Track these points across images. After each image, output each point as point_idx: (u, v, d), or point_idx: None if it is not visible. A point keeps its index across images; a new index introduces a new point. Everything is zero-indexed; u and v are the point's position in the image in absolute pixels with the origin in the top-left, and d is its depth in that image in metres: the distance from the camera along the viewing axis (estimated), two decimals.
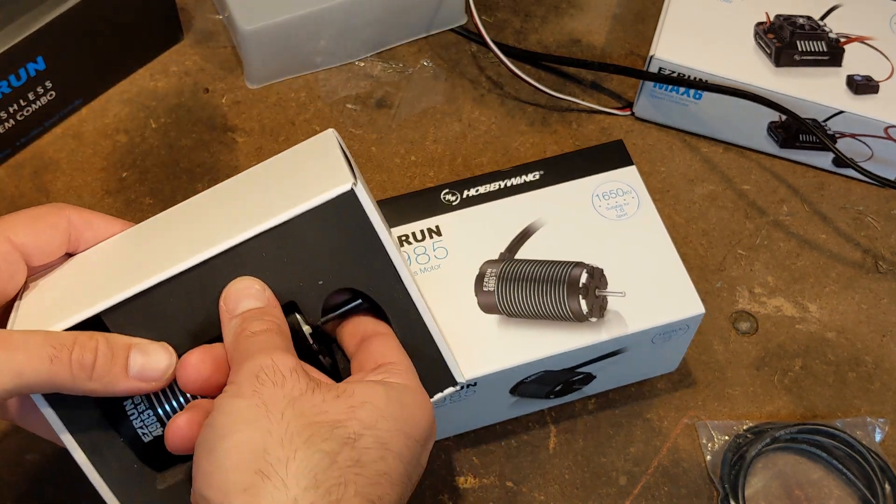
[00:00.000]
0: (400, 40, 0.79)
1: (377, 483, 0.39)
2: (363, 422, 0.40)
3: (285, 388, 0.40)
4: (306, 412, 0.39)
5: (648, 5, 0.82)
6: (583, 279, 0.56)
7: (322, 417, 0.39)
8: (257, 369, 0.40)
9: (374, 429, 0.40)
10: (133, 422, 0.45)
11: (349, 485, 0.38)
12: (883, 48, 0.73)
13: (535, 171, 0.62)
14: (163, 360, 0.43)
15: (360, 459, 0.39)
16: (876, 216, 0.72)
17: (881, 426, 0.62)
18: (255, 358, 0.41)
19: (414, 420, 0.42)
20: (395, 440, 0.41)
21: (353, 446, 0.39)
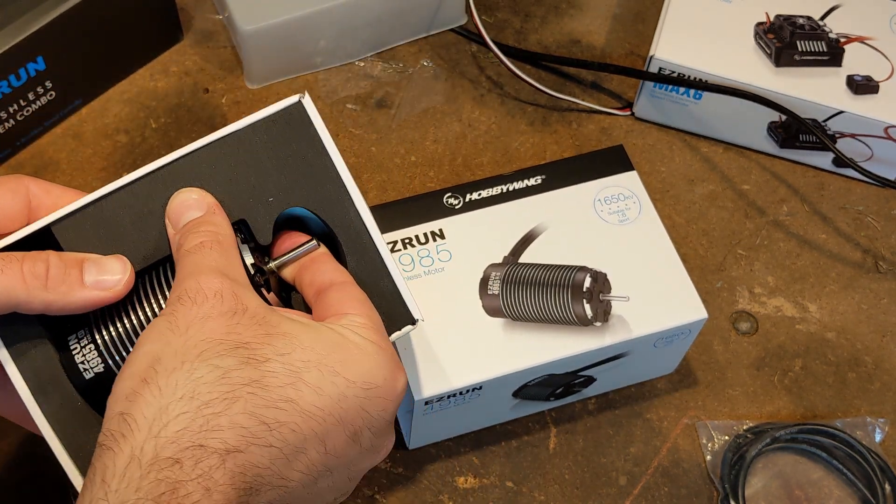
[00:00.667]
0: (400, 40, 0.78)
1: (277, 407, 0.37)
2: (276, 348, 0.38)
3: (202, 308, 0.38)
4: (214, 330, 0.38)
5: (648, 5, 0.82)
6: (587, 283, 0.56)
7: (229, 337, 0.38)
8: (181, 292, 0.39)
9: (287, 356, 0.38)
10: (76, 357, 0.44)
11: (237, 401, 0.36)
12: (883, 48, 0.73)
13: (536, 176, 0.62)
14: (117, 269, 0.43)
15: (261, 381, 0.37)
16: (876, 216, 0.72)
17: (881, 426, 0.62)
18: (184, 280, 0.40)
19: (346, 359, 0.39)
20: (313, 372, 0.38)
21: (255, 367, 0.37)
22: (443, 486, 0.60)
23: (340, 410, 0.39)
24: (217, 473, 0.35)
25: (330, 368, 0.39)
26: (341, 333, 0.41)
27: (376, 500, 0.59)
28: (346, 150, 0.72)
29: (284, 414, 0.37)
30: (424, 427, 0.58)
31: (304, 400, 0.38)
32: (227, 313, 0.39)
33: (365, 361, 0.40)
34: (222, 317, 0.38)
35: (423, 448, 0.61)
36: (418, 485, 0.60)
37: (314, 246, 0.45)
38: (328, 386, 0.38)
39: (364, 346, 0.41)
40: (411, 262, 0.58)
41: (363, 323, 0.42)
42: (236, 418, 0.36)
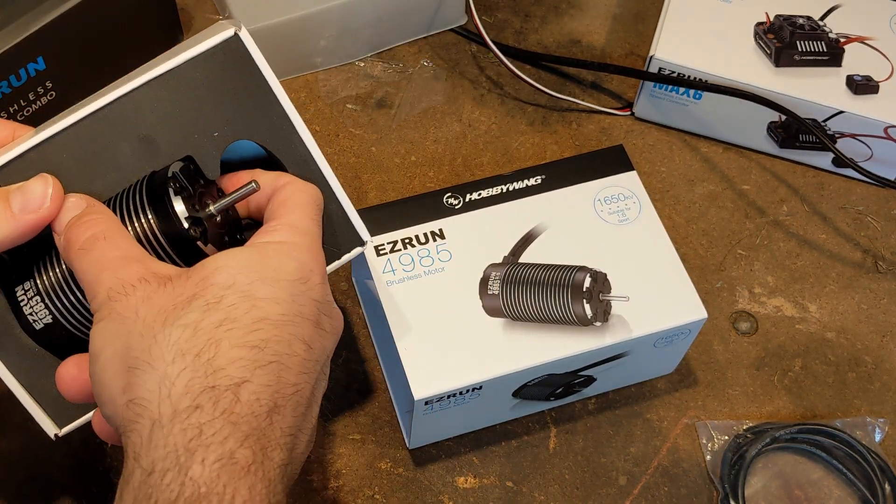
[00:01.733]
0: (400, 40, 0.78)
1: (256, 329, 0.39)
2: (220, 285, 0.40)
3: (137, 295, 0.40)
4: (162, 303, 0.40)
5: (648, 5, 0.82)
6: (587, 283, 0.56)
7: (178, 300, 0.40)
8: (106, 292, 0.40)
9: (235, 286, 0.40)
10: (24, 308, 0.45)
11: (221, 341, 0.39)
12: (883, 48, 0.73)
13: (536, 176, 0.62)
14: (38, 186, 0.43)
15: (229, 316, 0.39)
16: (876, 216, 0.72)
17: (881, 426, 0.62)
18: (99, 281, 0.41)
19: (277, 265, 0.42)
20: (262, 287, 0.41)
21: (216, 308, 0.39)
22: (443, 486, 0.60)
23: (299, 307, 0.41)
24: (237, 407, 0.38)
25: (271, 278, 0.41)
26: (260, 246, 0.43)
27: (376, 500, 0.59)
28: (347, 150, 0.72)
29: (264, 332, 0.39)
30: (424, 427, 0.58)
31: (271, 313, 0.40)
32: (160, 287, 0.40)
33: (290, 261, 0.42)
34: (159, 291, 0.40)
35: (423, 448, 0.61)
36: (418, 485, 0.60)
37: (253, 188, 0.44)
38: (279, 293, 0.41)
39: (282, 248, 0.43)
40: (411, 262, 0.58)
41: (279, 224, 0.44)
42: (230, 353, 0.38)
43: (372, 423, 0.61)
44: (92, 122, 0.45)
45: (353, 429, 0.61)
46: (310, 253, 0.43)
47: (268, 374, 0.39)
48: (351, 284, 0.66)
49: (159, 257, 0.44)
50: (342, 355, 0.64)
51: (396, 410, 0.62)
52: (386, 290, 0.57)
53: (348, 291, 0.66)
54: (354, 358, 0.64)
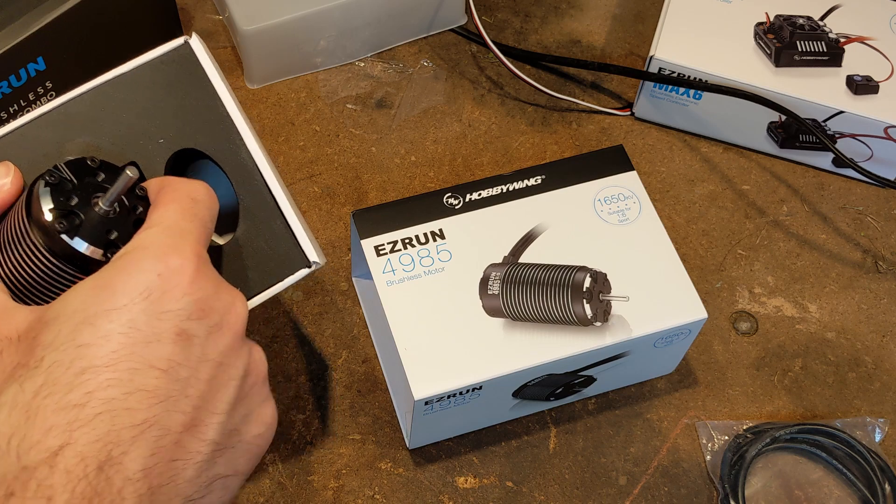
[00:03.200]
0: (400, 40, 0.79)
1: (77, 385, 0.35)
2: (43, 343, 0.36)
3: None
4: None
5: (648, 5, 0.82)
6: (587, 283, 0.56)
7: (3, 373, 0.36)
8: None
9: (56, 341, 0.36)
10: None
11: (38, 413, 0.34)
12: (883, 48, 0.73)
13: (536, 176, 0.62)
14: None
15: (48, 379, 0.35)
16: (876, 216, 0.72)
17: (881, 426, 0.62)
18: None
19: (113, 290, 0.37)
20: (86, 330, 0.36)
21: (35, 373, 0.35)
22: (443, 486, 0.60)
23: (142, 331, 0.36)
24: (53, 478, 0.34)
25: (99, 313, 0.36)
26: (105, 270, 0.38)
27: (376, 500, 0.59)
28: (347, 150, 0.72)
29: (88, 384, 0.35)
30: (424, 427, 0.58)
31: (96, 358, 0.35)
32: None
33: (130, 278, 0.37)
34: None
35: (423, 448, 0.61)
36: (418, 485, 0.60)
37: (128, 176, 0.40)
38: (109, 327, 0.36)
39: (125, 264, 0.38)
40: (411, 262, 0.58)
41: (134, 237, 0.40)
42: (45, 423, 0.34)
43: (372, 423, 0.61)
44: (40, 123, 0.45)
45: (353, 429, 0.61)
46: (167, 252, 0.38)
47: (93, 430, 0.34)
48: (351, 284, 0.66)
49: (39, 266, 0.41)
50: (342, 355, 0.64)
51: (396, 410, 0.62)
52: (386, 290, 0.57)
53: (348, 291, 0.66)
54: (354, 358, 0.64)
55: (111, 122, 0.46)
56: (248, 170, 0.46)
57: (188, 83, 0.46)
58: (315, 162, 0.71)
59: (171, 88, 0.46)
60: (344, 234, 0.68)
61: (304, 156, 0.72)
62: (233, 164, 0.46)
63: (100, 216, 0.40)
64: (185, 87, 0.46)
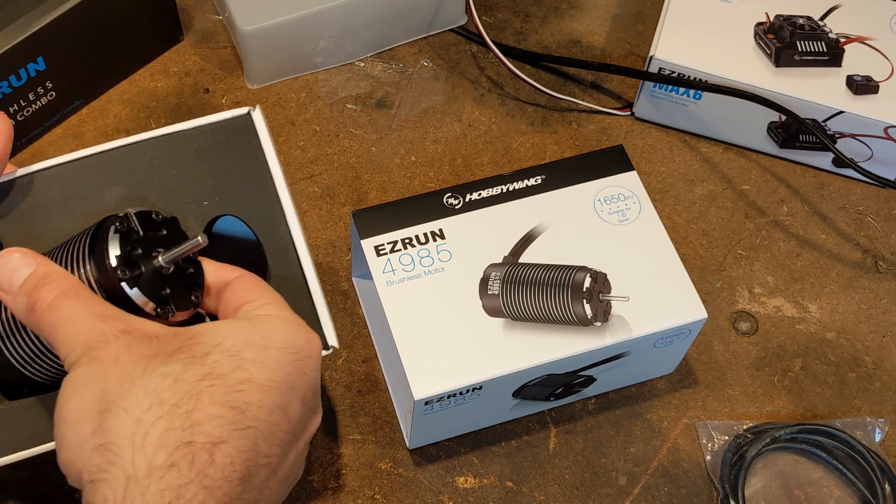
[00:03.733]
0: (400, 40, 0.78)
1: (238, 390, 0.38)
2: (207, 343, 0.39)
3: (117, 345, 0.38)
4: (144, 352, 0.38)
5: (648, 5, 0.82)
6: (587, 283, 0.56)
7: (161, 351, 0.38)
8: (86, 342, 0.39)
9: (222, 346, 0.39)
10: None
11: (202, 395, 0.37)
12: (883, 48, 0.73)
13: (536, 176, 0.62)
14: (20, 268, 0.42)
15: (213, 372, 0.38)
16: (876, 216, 0.72)
17: (881, 426, 0.62)
18: (77, 335, 0.39)
19: (267, 333, 0.41)
20: (250, 350, 0.39)
21: (201, 363, 0.38)
22: (443, 487, 0.60)
23: (287, 377, 0.40)
24: (211, 470, 0.36)
25: (259, 344, 0.40)
26: (249, 318, 0.42)
27: (376, 500, 0.59)
28: (347, 150, 0.72)
29: (246, 394, 0.38)
30: (424, 427, 0.58)
31: (256, 377, 0.39)
32: (144, 340, 0.39)
33: (281, 332, 0.41)
34: (143, 343, 0.39)
35: (423, 448, 0.61)
36: (418, 485, 0.60)
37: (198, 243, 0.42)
38: (267, 358, 0.39)
39: (272, 320, 0.42)
40: (411, 262, 0.58)
41: (263, 302, 0.43)
42: (209, 410, 0.37)
43: (372, 423, 0.61)
44: (88, 162, 0.46)
45: (353, 429, 0.61)
46: (301, 328, 0.43)
47: (244, 439, 0.38)
48: (351, 284, 0.66)
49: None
50: (342, 355, 0.64)
51: (396, 410, 0.62)
52: (386, 290, 0.57)
53: (348, 291, 0.66)
54: (354, 358, 0.64)
55: (160, 174, 0.46)
56: (285, 245, 0.47)
57: (242, 151, 0.47)
58: (315, 162, 0.71)
59: (225, 153, 0.47)
60: (344, 234, 0.68)
61: (304, 156, 0.72)
62: (271, 236, 0.47)
63: (158, 271, 0.42)
64: (238, 154, 0.47)
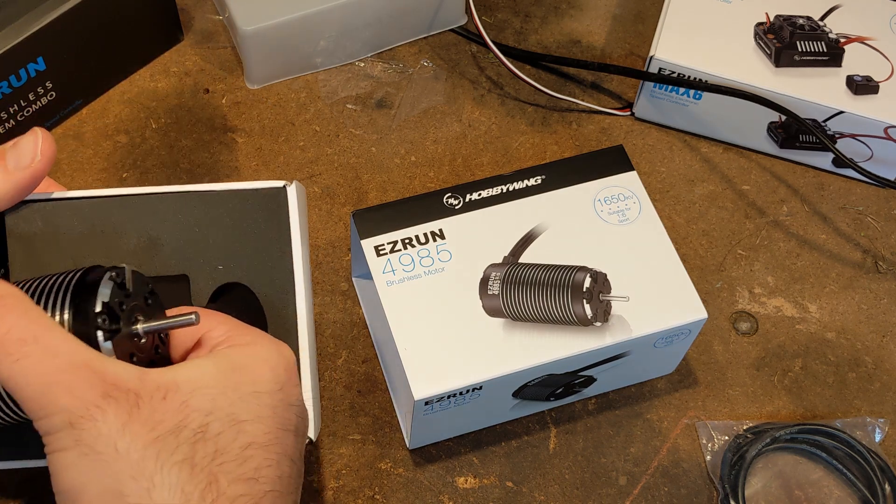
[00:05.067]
0: (400, 41, 0.78)
1: (247, 458, 0.37)
2: (201, 410, 0.37)
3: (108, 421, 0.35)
4: (142, 434, 0.35)
5: (648, 5, 0.82)
6: (587, 283, 0.56)
7: (161, 428, 0.36)
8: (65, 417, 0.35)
9: (216, 411, 0.37)
10: None
11: (219, 479, 0.36)
12: (883, 48, 0.73)
13: (536, 176, 0.62)
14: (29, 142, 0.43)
15: (219, 448, 0.37)
16: (876, 216, 0.72)
17: (881, 426, 0.62)
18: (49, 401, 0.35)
19: (254, 376, 0.39)
20: (243, 408, 0.38)
21: (204, 439, 0.36)
22: (443, 487, 0.60)
23: (280, 420, 0.39)
24: None
25: (249, 394, 0.39)
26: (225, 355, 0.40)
27: (376, 500, 0.59)
28: (347, 150, 0.72)
29: (255, 459, 0.37)
30: (424, 427, 0.58)
31: (257, 437, 0.38)
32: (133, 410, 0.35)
33: (263, 367, 0.40)
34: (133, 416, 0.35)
35: (423, 448, 0.61)
36: (418, 485, 0.60)
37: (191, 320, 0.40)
38: (261, 410, 0.39)
39: (251, 352, 0.40)
40: (411, 262, 0.58)
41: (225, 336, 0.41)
42: (230, 490, 0.36)
43: (372, 423, 0.61)
44: (115, 202, 0.46)
45: (353, 429, 0.61)
46: (275, 349, 0.41)
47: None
48: (351, 284, 0.66)
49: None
50: (342, 356, 0.64)
51: (396, 410, 0.62)
52: (386, 290, 0.57)
53: (348, 291, 0.66)
54: (354, 358, 0.64)
55: (182, 228, 0.46)
56: (287, 328, 0.46)
57: (270, 224, 0.46)
58: (315, 162, 0.71)
59: (251, 222, 0.46)
60: (344, 234, 0.68)
61: (304, 156, 0.72)
62: (277, 315, 0.46)
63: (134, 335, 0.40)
64: (265, 226, 0.46)
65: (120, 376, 0.36)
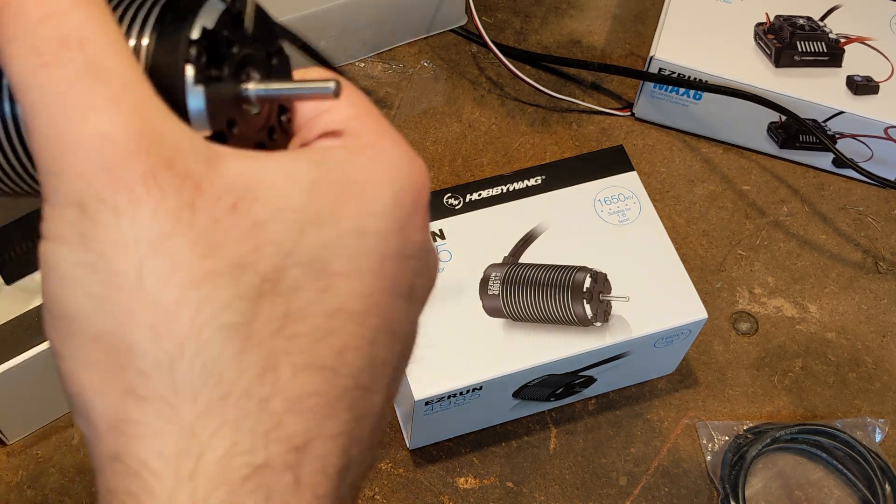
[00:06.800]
0: (400, 41, 0.78)
1: (330, 333, 0.23)
2: (281, 245, 0.23)
3: (138, 218, 0.22)
4: (185, 259, 0.22)
5: (648, 6, 0.82)
6: (587, 284, 0.56)
7: (218, 258, 0.22)
8: (81, 189, 0.22)
9: (299, 251, 0.23)
10: None
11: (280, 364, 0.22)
12: (883, 48, 0.73)
13: (536, 176, 0.62)
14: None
15: (292, 311, 0.23)
16: (876, 216, 0.72)
17: (881, 426, 0.62)
18: (67, 160, 0.22)
19: (366, 203, 0.24)
20: (340, 248, 0.24)
21: (274, 292, 0.23)
22: (443, 487, 0.60)
23: (390, 277, 0.25)
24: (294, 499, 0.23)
25: (351, 231, 0.24)
26: (334, 161, 0.25)
27: (377, 500, 0.59)
28: None
29: (340, 335, 0.24)
30: (424, 427, 0.58)
31: (349, 300, 0.24)
32: (182, 211, 0.22)
33: (376, 189, 0.25)
34: (179, 221, 0.22)
35: (423, 448, 0.61)
36: (419, 485, 0.60)
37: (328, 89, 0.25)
38: (363, 257, 0.24)
39: (363, 165, 0.25)
40: None
41: (344, 123, 0.27)
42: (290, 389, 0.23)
43: None
44: None
45: None
46: (410, 166, 0.26)
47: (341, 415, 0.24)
48: None
49: None
50: None
51: (396, 410, 0.62)
52: None
53: None
54: None
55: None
56: None
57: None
58: None
59: None
60: None
61: None
62: None
63: (242, 97, 0.27)
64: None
65: (181, 149, 0.22)
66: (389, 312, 0.25)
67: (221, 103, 0.26)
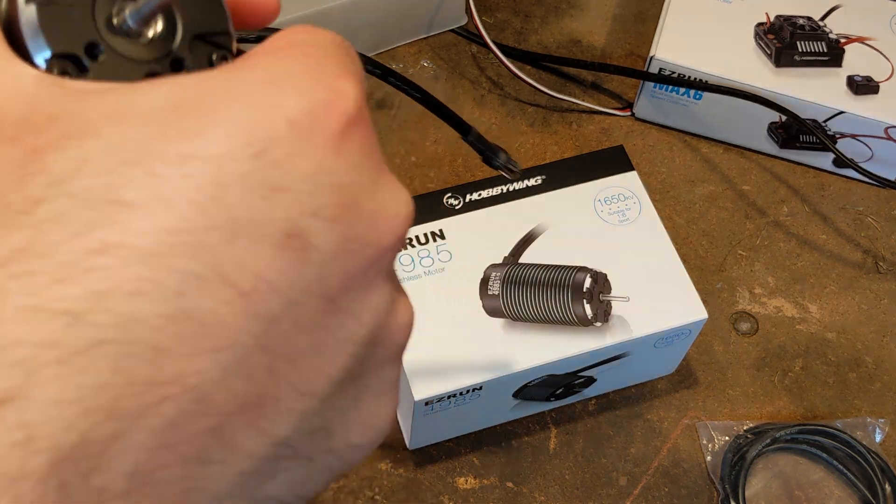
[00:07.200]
0: (400, 41, 0.78)
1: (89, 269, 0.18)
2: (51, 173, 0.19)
3: None
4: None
5: (648, 5, 0.82)
6: (587, 284, 0.56)
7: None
8: None
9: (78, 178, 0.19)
10: None
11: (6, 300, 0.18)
12: (883, 48, 0.73)
13: (536, 176, 0.62)
14: None
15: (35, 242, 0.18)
16: (876, 216, 0.72)
17: (881, 426, 0.62)
18: None
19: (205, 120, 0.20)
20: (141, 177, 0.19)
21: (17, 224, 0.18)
22: (443, 487, 0.59)
23: (224, 213, 0.19)
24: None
25: (163, 147, 0.19)
26: (202, 78, 0.21)
27: (376, 500, 0.59)
28: None
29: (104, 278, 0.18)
30: (424, 428, 0.58)
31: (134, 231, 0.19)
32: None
33: (232, 107, 0.20)
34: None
35: (423, 449, 0.61)
36: (418, 486, 0.59)
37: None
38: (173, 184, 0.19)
39: (229, 81, 0.21)
40: (411, 262, 0.58)
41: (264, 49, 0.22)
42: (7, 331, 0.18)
43: None
44: None
45: None
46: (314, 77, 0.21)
47: (80, 373, 0.18)
48: None
49: None
50: None
51: (397, 410, 0.62)
52: None
53: None
54: None
55: None
56: None
57: None
58: None
59: None
60: None
61: None
62: None
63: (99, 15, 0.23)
64: None
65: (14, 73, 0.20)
66: (231, 256, 0.19)
67: (66, 22, 0.22)
